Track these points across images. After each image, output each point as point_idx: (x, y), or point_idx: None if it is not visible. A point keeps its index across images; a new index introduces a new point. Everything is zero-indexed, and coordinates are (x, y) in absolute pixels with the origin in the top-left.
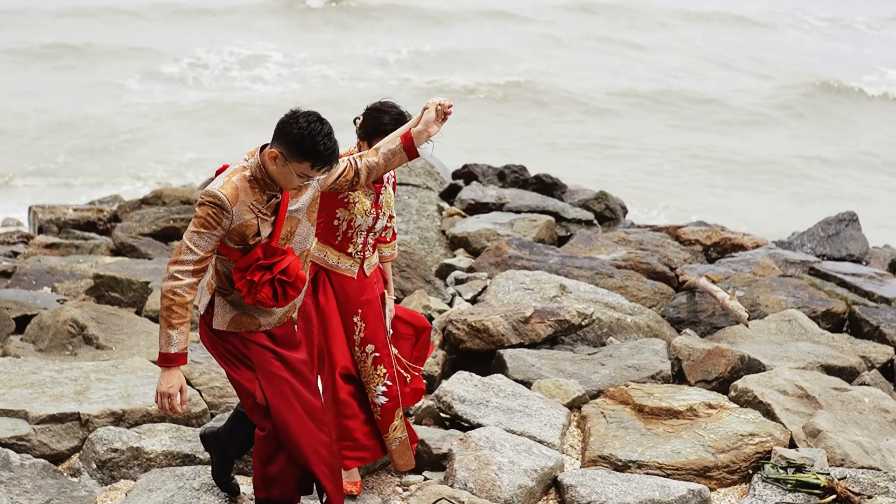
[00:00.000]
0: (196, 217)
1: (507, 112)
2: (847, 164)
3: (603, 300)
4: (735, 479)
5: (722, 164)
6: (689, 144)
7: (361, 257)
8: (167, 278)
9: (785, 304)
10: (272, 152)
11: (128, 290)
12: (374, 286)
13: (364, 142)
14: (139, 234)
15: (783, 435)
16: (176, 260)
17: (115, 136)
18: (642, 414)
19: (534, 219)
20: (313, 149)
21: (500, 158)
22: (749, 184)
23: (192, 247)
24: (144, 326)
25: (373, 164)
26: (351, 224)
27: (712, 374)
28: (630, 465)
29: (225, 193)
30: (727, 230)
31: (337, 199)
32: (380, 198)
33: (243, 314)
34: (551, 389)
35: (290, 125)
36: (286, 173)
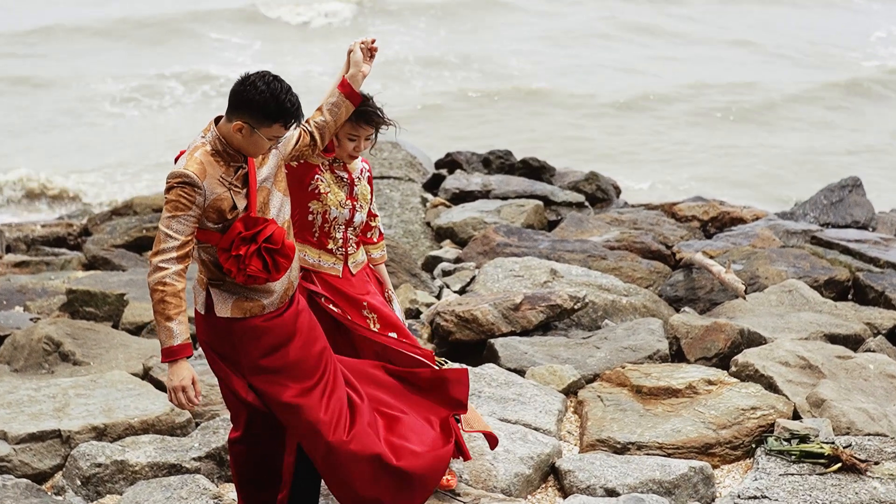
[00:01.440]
0: (167, 202)
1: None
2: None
3: (596, 283)
4: (738, 454)
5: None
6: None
7: (344, 254)
8: (152, 272)
9: (785, 274)
10: (236, 125)
11: (103, 303)
12: (367, 283)
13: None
14: (111, 245)
15: (786, 407)
16: (157, 251)
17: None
18: (640, 395)
19: (521, 204)
20: (280, 108)
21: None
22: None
23: (170, 233)
24: (122, 339)
25: (322, 123)
26: (326, 217)
27: (712, 350)
28: (629, 447)
29: (192, 170)
30: (726, 204)
31: (307, 191)
32: (354, 189)
33: (242, 298)
34: (546, 376)
35: (250, 92)
36: (255, 141)
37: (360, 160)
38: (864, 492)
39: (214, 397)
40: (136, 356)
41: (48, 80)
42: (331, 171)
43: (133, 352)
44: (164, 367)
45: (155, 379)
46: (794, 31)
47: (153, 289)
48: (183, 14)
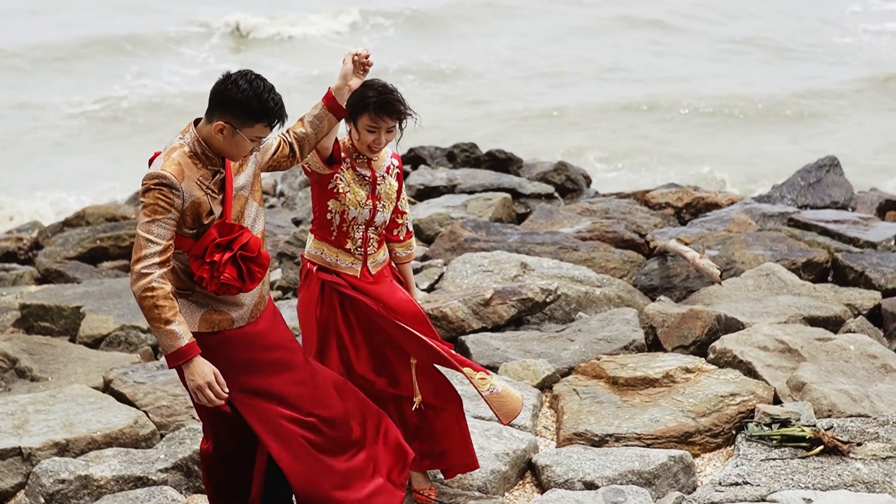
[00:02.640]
0: (144, 207)
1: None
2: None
3: (568, 274)
4: (719, 442)
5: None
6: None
7: (363, 254)
8: (136, 280)
9: (762, 258)
10: (218, 125)
11: (59, 317)
12: (384, 281)
13: (350, 123)
14: (64, 258)
15: (766, 392)
16: (138, 258)
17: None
18: (617, 386)
19: (489, 198)
20: (263, 107)
21: (448, 139)
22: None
23: (151, 238)
24: (80, 353)
25: (301, 135)
26: (344, 217)
27: (689, 338)
28: (607, 440)
29: (169, 171)
30: (700, 189)
31: (327, 189)
32: (377, 188)
33: (211, 311)
34: (519, 371)
35: (231, 91)
36: (237, 142)
37: (390, 154)
38: (847, 473)
39: (178, 407)
40: (96, 369)
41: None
42: (352, 168)
43: (92, 365)
44: (125, 380)
45: (116, 391)
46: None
47: (141, 297)
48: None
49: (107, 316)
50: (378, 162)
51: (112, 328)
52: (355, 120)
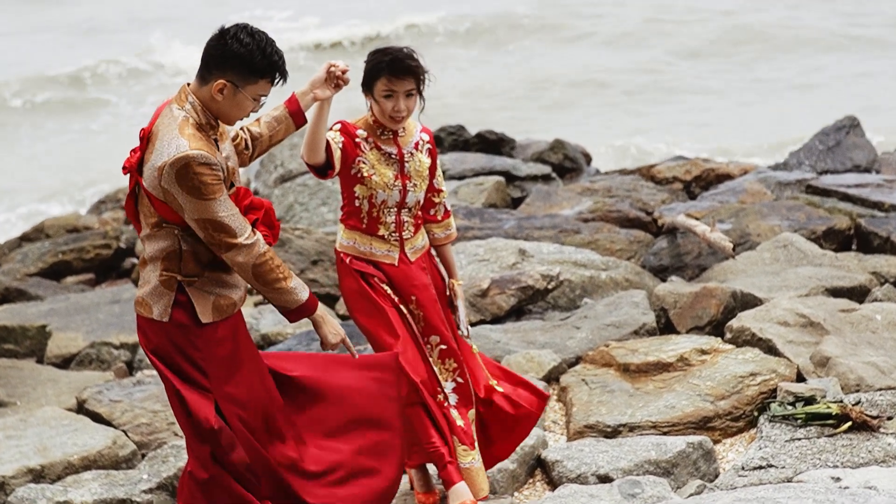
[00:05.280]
0: (193, 191)
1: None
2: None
3: (571, 259)
4: (741, 425)
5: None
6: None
7: (399, 239)
8: (240, 252)
9: (779, 229)
10: (218, 84)
11: (23, 338)
12: (425, 272)
13: (368, 95)
14: (25, 274)
15: (788, 370)
16: (230, 233)
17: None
18: (628, 373)
19: (480, 182)
20: (268, 61)
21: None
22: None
23: (228, 213)
24: (49, 374)
25: (256, 134)
26: (373, 201)
27: (704, 318)
28: (621, 430)
29: (201, 148)
30: (710, 160)
31: (350, 175)
32: (405, 166)
33: (219, 297)
34: (522, 364)
35: (232, 45)
36: (238, 102)
37: (419, 129)
38: (878, 449)
39: (159, 424)
40: (68, 390)
41: None
42: (376, 147)
43: (63, 386)
44: (100, 399)
45: (91, 411)
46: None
47: (258, 264)
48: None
49: (75, 333)
50: (405, 137)
51: (82, 346)
52: (371, 89)
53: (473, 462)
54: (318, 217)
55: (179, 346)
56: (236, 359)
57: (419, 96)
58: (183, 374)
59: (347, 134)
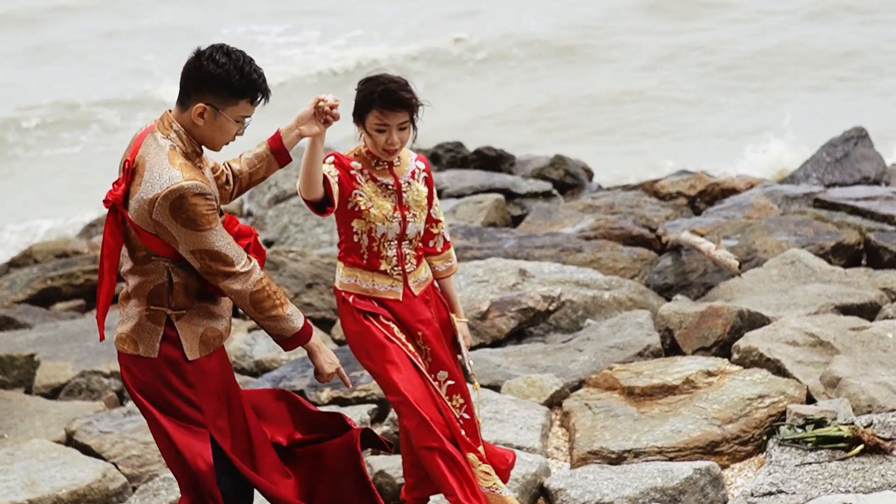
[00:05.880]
0: (190, 228)
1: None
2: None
3: (573, 279)
4: (749, 449)
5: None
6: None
7: (402, 273)
8: (239, 283)
9: (786, 244)
10: (197, 108)
11: (10, 367)
12: (429, 306)
13: (359, 126)
14: (13, 302)
15: (798, 391)
16: (228, 262)
17: None
18: (633, 397)
19: (479, 200)
20: (246, 80)
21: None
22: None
23: (224, 242)
24: (38, 405)
25: (236, 171)
26: (372, 235)
27: (710, 338)
28: (626, 456)
29: (194, 178)
30: (714, 175)
31: (347, 209)
32: (403, 196)
33: (207, 329)
34: (524, 388)
35: (209, 67)
36: (220, 125)
37: (414, 158)
38: (892, 473)
39: (150, 456)
40: (56, 422)
41: None
42: (371, 179)
43: (52, 417)
44: (90, 430)
45: (80, 443)
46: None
47: (255, 292)
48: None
49: (64, 362)
50: (401, 167)
51: (71, 375)
52: (363, 121)
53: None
54: (313, 238)
55: (170, 383)
56: (225, 391)
57: (413, 127)
58: (174, 412)
59: (342, 166)
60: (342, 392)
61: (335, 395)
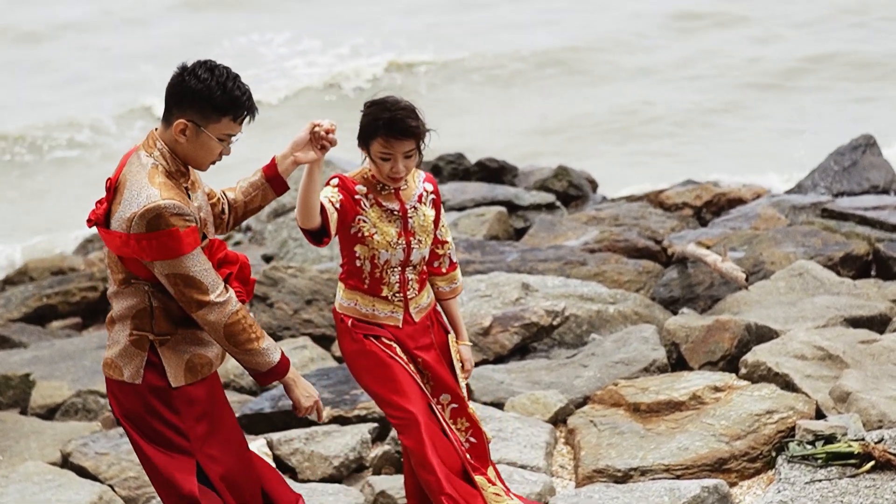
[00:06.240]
0: (164, 247)
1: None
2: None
3: (577, 293)
4: (758, 466)
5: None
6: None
7: (403, 299)
8: (212, 314)
9: (794, 256)
10: (179, 124)
11: (6, 388)
12: (429, 332)
13: (364, 150)
14: (8, 320)
15: (807, 406)
16: (202, 290)
17: None
18: (639, 413)
19: (481, 213)
20: (228, 97)
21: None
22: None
23: (200, 268)
24: (33, 426)
25: (231, 200)
26: (375, 262)
27: (717, 352)
28: (632, 474)
29: (172, 197)
30: (720, 185)
31: (350, 234)
32: (409, 222)
33: (194, 356)
34: (528, 406)
35: (190, 83)
36: (203, 143)
37: (422, 179)
38: None
39: (147, 478)
40: (52, 443)
41: None
42: (377, 204)
43: (48, 438)
44: (86, 452)
45: (76, 465)
46: None
47: (231, 322)
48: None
49: (60, 382)
50: (407, 191)
51: (67, 395)
52: (367, 147)
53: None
54: (312, 253)
55: (155, 410)
56: (215, 417)
57: (419, 154)
58: (159, 440)
59: (346, 190)
60: (343, 411)
61: (335, 414)
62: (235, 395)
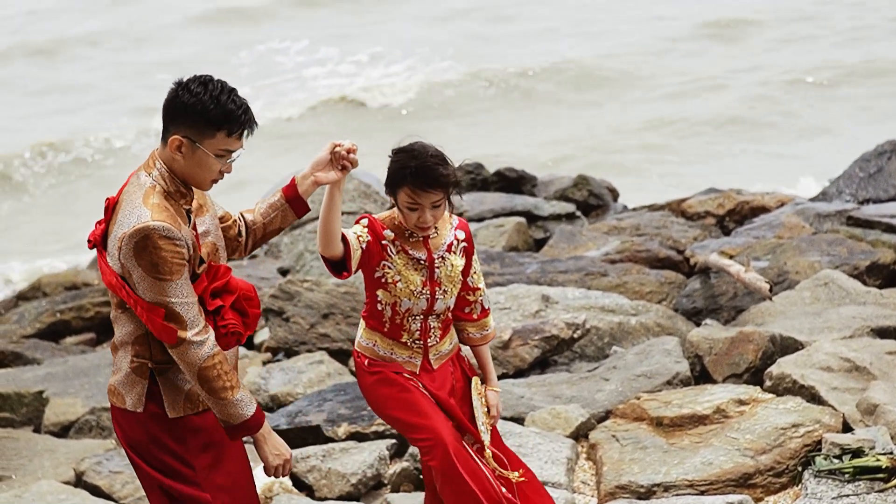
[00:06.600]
0: (150, 268)
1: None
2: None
3: (598, 304)
4: (784, 481)
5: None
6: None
7: (423, 346)
8: (187, 350)
9: (819, 265)
10: (174, 140)
11: (19, 405)
12: (450, 378)
13: (391, 197)
14: (22, 336)
15: (833, 419)
16: (180, 326)
17: None
18: (662, 428)
19: (500, 224)
20: (222, 110)
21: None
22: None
23: (182, 301)
24: (47, 444)
25: (249, 222)
26: (396, 309)
27: (741, 365)
28: (655, 490)
29: (163, 220)
30: (744, 192)
31: (374, 277)
32: (435, 272)
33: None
34: (548, 420)
35: (183, 98)
36: (199, 160)
37: (454, 226)
38: None
39: None
40: (66, 461)
41: None
42: (403, 251)
43: (61, 457)
44: (99, 471)
45: (90, 484)
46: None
47: (204, 368)
48: None
49: (74, 399)
50: (437, 239)
51: (81, 412)
52: (395, 195)
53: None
54: None
55: (158, 439)
56: (221, 446)
57: (449, 203)
58: (166, 470)
59: (374, 233)
60: (360, 427)
61: (352, 430)
62: None
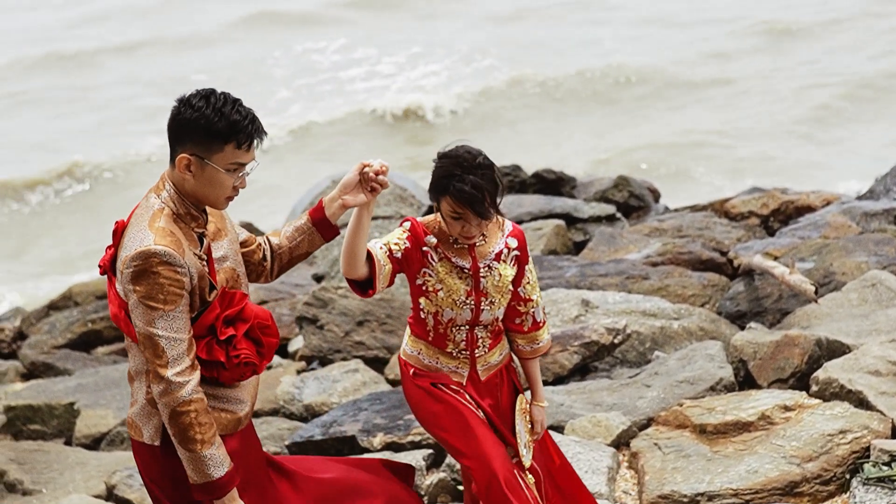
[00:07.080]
0: (145, 296)
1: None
2: None
3: (639, 308)
4: (831, 489)
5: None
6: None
7: (470, 357)
8: (166, 390)
9: (866, 266)
10: (182, 159)
11: (50, 417)
12: (497, 391)
13: (434, 203)
14: (53, 347)
15: (882, 425)
16: (163, 362)
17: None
18: (705, 435)
19: (539, 227)
20: (228, 122)
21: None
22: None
23: (170, 336)
24: (78, 457)
25: (275, 246)
26: (438, 318)
27: (787, 369)
28: (699, 500)
29: (165, 244)
30: (789, 191)
31: (415, 284)
32: (480, 282)
33: (217, 411)
34: (589, 429)
35: (185, 114)
36: (210, 177)
37: (506, 233)
38: None
39: None
40: (97, 474)
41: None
42: (446, 258)
43: (92, 469)
44: (131, 484)
45: (121, 498)
46: None
47: (176, 411)
48: None
49: (105, 410)
50: (484, 247)
51: (112, 424)
52: (437, 201)
53: None
54: None
55: (176, 474)
56: (250, 467)
57: (497, 211)
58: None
59: (415, 239)
60: (396, 437)
61: (388, 441)
62: (286, 421)
